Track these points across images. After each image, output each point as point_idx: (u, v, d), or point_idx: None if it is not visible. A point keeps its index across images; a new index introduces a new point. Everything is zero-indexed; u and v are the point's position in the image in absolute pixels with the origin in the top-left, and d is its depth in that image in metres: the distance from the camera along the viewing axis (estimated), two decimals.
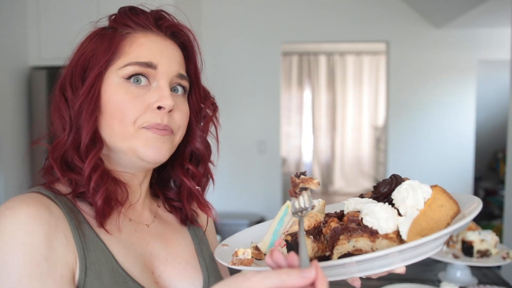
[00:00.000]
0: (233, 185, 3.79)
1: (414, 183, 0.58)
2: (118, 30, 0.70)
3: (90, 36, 0.71)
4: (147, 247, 0.72)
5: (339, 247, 0.58)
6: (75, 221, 0.63)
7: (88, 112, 0.66)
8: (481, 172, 5.09)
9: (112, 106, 0.66)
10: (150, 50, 0.68)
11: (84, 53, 0.68)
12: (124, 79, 0.67)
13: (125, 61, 0.67)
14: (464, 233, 1.73)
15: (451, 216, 0.58)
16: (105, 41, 0.68)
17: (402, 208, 0.57)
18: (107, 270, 0.63)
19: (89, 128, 0.66)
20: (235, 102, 3.82)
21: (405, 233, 0.54)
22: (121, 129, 0.67)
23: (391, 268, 0.55)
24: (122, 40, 0.68)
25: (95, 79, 0.66)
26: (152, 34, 0.70)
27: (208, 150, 0.79)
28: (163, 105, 0.66)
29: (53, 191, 0.65)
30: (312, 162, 6.87)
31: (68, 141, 0.67)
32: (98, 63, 0.67)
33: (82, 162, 0.66)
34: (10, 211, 0.58)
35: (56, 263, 0.58)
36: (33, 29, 2.77)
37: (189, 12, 3.30)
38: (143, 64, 0.67)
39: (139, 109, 0.66)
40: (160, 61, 0.68)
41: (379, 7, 3.74)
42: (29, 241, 0.56)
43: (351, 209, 0.61)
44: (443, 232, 0.51)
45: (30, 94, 2.80)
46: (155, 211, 0.80)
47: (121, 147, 0.68)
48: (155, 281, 0.70)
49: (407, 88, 3.82)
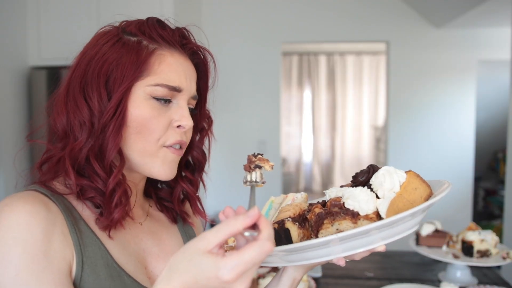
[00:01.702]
0: (233, 185, 3.78)
1: (390, 168, 0.63)
2: (143, 43, 0.69)
3: (109, 40, 0.69)
4: (140, 244, 0.75)
5: (323, 231, 0.62)
6: (71, 218, 0.65)
7: (115, 128, 0.66)
8: (481, 172, 5.09)
9: (138, 121, 0.68)
10: (177, 74, 0.70)
11: (107, 60, 0.67)
12: (151, 96, 0.68)
13: (155, 80, 0.68)
14: (464, 233, 1.73)
15: (424, 198, 0.63)
16: (132, 53, 0.68)
17: (380, 191, 0.61)
18: (103, 265, 0.65)
19: (116, 144, 0.67)
20: (235, 102, 3.82)
21: (383, 212, 0.59)
22: (144, 146, 0.69)
23: (372, 247, 0.59)
24: (150, 55, 0.69)
25: (123, 94, 0.67)
26: (177, 53, 0.72)
27: (204, 159, 0.84)
28: (184, 125, 0.71)
29: (50, 190, 0.66)
30: (312, 162, 6.87)
31: (85, 146, 0.67)
32: (126, 77, 0.67)
33: (104, 173, 0.67)
34: (8, 207, 0.59)
35: (54, 258, 0.59)
36: (33, 29, 2.78)
37: (189, 12, 3.30)
38: (172, 88, 0.69)
39: (164, 126, 0.69)
40: (184, 84, 0.71)
41: (379, 7, 3.74)
42: (28, 237, 0.58)
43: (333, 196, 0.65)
44: (417, 208, 0.56)
45: (30, 94, 2.80)
46: (147, 210, 0.83)
47: (138, 162, 0.70)
48: (148, 276, 0.73)
49: (407, 88, 3.82)
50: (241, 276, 0.47)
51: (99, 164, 0.67)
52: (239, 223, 0.47)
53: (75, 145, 0.67)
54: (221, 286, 0.48)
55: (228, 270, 0.46)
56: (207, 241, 0.48)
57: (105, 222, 0.67)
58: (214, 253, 0.48)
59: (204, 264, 0.47)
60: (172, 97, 0.70)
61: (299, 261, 0.61)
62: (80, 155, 0.67)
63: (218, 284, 0.48)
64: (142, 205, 0.82)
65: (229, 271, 0.46)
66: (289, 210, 0.66)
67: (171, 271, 0.50)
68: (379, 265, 1.89)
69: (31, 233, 0.58)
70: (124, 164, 0.69)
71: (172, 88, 0.69)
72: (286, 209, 0.67)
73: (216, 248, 0.48)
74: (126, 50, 0.68)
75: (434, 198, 0.59)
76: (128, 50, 0.68)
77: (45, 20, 2.76)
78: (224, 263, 0.47)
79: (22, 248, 0.57)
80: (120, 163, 0.68)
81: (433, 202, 0.58)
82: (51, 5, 2.76)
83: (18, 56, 2.73)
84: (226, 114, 3.75)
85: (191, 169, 0.83)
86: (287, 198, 0.74)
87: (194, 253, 0.48)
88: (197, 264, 0.48)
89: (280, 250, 0.58)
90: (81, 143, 0.67)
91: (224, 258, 0.47)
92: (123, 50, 0.68)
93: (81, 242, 0.64)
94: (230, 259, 0.47)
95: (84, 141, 0.67)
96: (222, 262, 0.47)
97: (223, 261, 0.47)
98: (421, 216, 0.62)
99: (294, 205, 0.68)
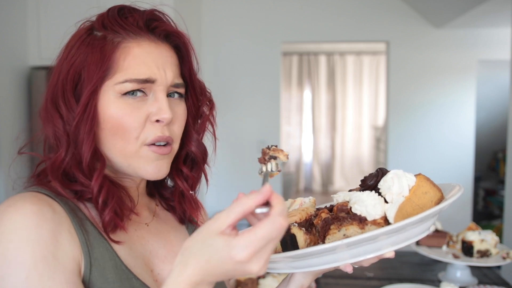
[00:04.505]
0: (233, 185, 3.78)
1: (399, 172, 0.61)
2: (108, 37, 0.65)
3: (76, 41, 0.67)
4: (147, 246, 0.72)
5: (330, 236, 0.61)
6: (77, 219, 0.63)
7: (86, 131, 0.64)
8: (481, 172, 5.09)
9: (112, 122, 0.65)
10: (146, 65, 0.65)
11: (74, 64, 0.64)
12: (121, 94, 0.65)
13: (122, 76, 0.64)
14: (464, 233, 1.73)
15: (435, 202, 0.61)
16: (96, 51, 0.64)
17: (388, 195, 0.60)
18: (111, 267, 0.63)
19: (88, 146, 0.64)
20: (235, 102, 3.82)
21: (392, 217, 0.57)
22: (124, 146, 0.66)
23: (381, 253, 0.57)
24: (115, 51, 0.64)
25: (90, 96, 0.63)
26: (145, 41, 0.66)
27: (203, 155, 0.78)
28: (162, 119, 0.65)
29: (52, 191, 0.64)
30: (312, 162, 6.87)
31: (67, 158, 0.65)
32: (91, 79, 0.63)
33: (87, 178, 0.65)
34: (12, 208, 0.57)
35: (64, 258, 0.58)
36: (33, 29, 2.77)
37: (189, 12, 3.30)
38: (142, 81, 0.65)
39: (140, 121, 0.65)
40: (157, 74, 0.66)
41: (379, 7, 3.74)
42: (36, 238, 0.56)
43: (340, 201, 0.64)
44: (426, 213, 0.54)
45: (30, 94, 2.80)
46: (154, 210, 0.80)
47: (122, 164, 0.68)
48: (154, 279, 0.70)
49: (407, 88, 3.82)
50: (256, 255, 0.46)
51: (81, 173, 0.65)
52: (251, 201, 0.47)
53: (56, 158, 0.65)
54: (236, 267, 0.46)
55: (242, 248, 0.45)
56: (220, 221, 0.47)
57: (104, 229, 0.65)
58: (226, 233, 0.47)
59: (217, 245, 0.46)
60: (145, 89, 0.66)
61: (306, 268, 0.60)
62: (63, 167, 0.65)
63: (233, 265, 0.46)
64: (147, 205, 0.79)
65: (243, 249, 0.45)
66: (296, 215, 0.65)
67: (185, 256, 0.49)
68: (379, 265, 1.89)
69: (38, 234, 0.56)
70: (104, 165, 0.66)
71: (143, 81, 0.64)
72: (292, 214, 0.66)
73: (229, 229, 0.47)
74: (91, 49, 0.64)
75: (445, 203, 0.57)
76: (93, 49, 0.64)
77: (45, 20, 2.76)
78: (237, 242, 0.45)
79: (31, 249, 0.55)
80: (100, 165, 0.65)
81: (443, 207, 0.56)
82: (51, 5, 2.76)
83: (18, 56, 2.73)
84: (226, 114, 3.74)
85: (189, 164, 0.78)
86: (295, 203, 0.72)
87: (207, 235, 0.48)
88: (210, 246, 0.47)
89: (285, 256, 0.57)
90: (60, 156, 0.65)
91: (236, 237, 0.46)
92: (88, 49, 0.64)
93: (89, 243, 0.62)
94: (243, 238, 0.45)
95: (64, 153, 0.65)
96: (234, 241, 0.46)
97: (235, 240, 0.46)
98: (432, 220, 0.60)
99: (300, 210, 0.66)
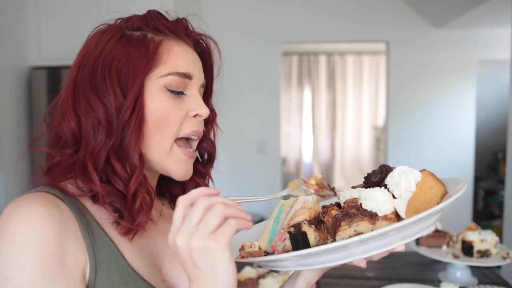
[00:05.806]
0: (233, 185, 3.79)
1: (405, 168, 0.63)
2: (149, 35, 0.68)
3: (113, 35, 0.68)
4: (154, 245, 0.72)
5: (341, 233, 0.61)
6: (84, 221, 0.63)
7: (136, 125, 0.64)
8: (481, 172, 5.09)
9: (157, 115, 0.66)
10: (186, 61, 0.70)
11: (116, 57, 0.66)
12: (165, 87, 0.67)
13: (165, 70, 0.67)
14: (464, 233, 1.73)
15: (440, 196, 0.63)
16: (140, 47, 0.66)
17: (396, 191, 0.61)
18: (117, 270, 0.63)
19: (137, 142, 0.65)
20: (235, 102, 3.82)
21: (403, 212, 0.59)
22: (161, 140, 0.67)
23: (393, 247, 0.58)
24: (159, 47, 0.68)
25: (139, 89, 0.65)
26: (183, 42, 0.71)
27: (215, 150, 0.82)
28: (201, 113, 0.70)
29: (61, 191, 0.63)
30: (312, 162, 6.87)
31: (104, 147, 0.64)
32: (138, 71, 0.65)
33: (127, 173, 0.64)
34: (19, 210, 0.57)
35: (68, 262, 0.57)
36: (33, 29, 2.78)
37: (189, 12, 3.30)
38: (183, 75, 0.68)
39: (181, 116, 0.69)
40: (194, 72, 0.71)
41: (379, 7, 3.74)
42: (42, 241, 0.55)
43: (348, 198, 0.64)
44: (438, 207, 0.56)
45: (30, 94, 2.80)
46: (160, 209, 0.80)
47: (155, 159, 0.68)
48: (162, 279, 0.70)
49: (407, 88, 3.82)
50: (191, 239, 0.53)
51: (121, 164, 0.64)
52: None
53: (95, 146, 0.64)
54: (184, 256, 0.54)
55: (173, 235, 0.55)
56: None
57: (127, 227, 0.64)
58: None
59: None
60: (184, 87, 0.69)
61: (318, 265, 0.60)
62: (100, 156, 0.64)
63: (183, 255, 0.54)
64: (154, 204, 0.78)
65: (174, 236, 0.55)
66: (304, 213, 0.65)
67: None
68: (379, 265, 1.89)
69: (44, 237, 0.56)
70: (144, 163, 0.66)
71: (183, 75, 0.68)
72: (300, 212, 0.66)
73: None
74: (133, 44, 0.67)
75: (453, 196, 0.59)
76: (135, 44, 0.67)
77: (45, 20, 2.76)
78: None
79: (36, 252, 0.55)
80: (141, 163, 0.65)
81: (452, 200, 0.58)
82: (51, 5, 2.76)
83: (18, 56, 2.73)
84: (226, 114, 3.74)
85: (202, 161, 0.81)
86: (298, 201, 0.72)
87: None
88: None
89: (298, 255, 0.57)
90: (100, 144, 0.64)
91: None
92: (130, 44, 0.67)
93: (94, 246, 0.61)
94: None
95: (103, 142, 0.64)
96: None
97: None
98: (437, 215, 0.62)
99: (309, 208, 0.67)
